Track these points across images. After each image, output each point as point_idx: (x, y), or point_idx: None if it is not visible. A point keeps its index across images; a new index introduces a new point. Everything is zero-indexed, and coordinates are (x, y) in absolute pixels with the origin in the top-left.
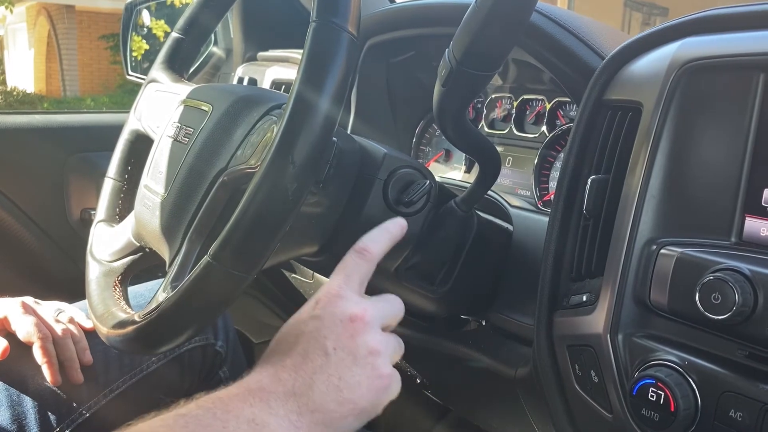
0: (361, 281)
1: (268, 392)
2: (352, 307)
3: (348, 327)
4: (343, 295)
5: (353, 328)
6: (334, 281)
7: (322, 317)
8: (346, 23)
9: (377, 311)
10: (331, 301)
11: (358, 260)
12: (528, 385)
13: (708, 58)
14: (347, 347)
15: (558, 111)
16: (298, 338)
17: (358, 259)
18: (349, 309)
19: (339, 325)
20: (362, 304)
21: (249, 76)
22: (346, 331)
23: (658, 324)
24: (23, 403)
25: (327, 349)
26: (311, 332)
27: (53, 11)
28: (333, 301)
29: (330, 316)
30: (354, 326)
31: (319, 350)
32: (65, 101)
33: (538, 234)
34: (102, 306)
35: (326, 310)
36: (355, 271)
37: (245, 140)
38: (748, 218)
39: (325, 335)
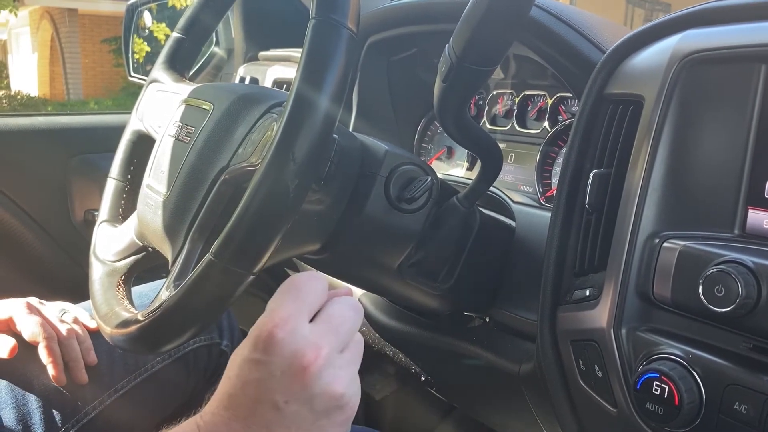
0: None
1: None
2: (300, 350)
3: (298, 375)
4: (290, 333)
5: (304, 378)
6: (277, 313)
7: (264, 364)
8: (345, 19)
9: (332, 340)
10: (273, 345)
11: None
12: (532, 381)
13: (709, 51)
14: (301, 399)
15: (560, 106)
16: (245, 386)
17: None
18: (297, 352)
19: (287, 376)
20: (312, 341)
21: (250, 76)
22: (296, 381)
23: (662, 318)
24: (28, 403)
25: (277, 403)
26: (256, 382)
27: (56, 15)
28: (275, 345)
29: (275, 361)
30: (305, 374)
31: (268, 404)
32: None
33: (540, 230)
34: (105, 306)
35: (268, 357)
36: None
37: (246, 138)
38: (751, 210)
39: (272, 388)
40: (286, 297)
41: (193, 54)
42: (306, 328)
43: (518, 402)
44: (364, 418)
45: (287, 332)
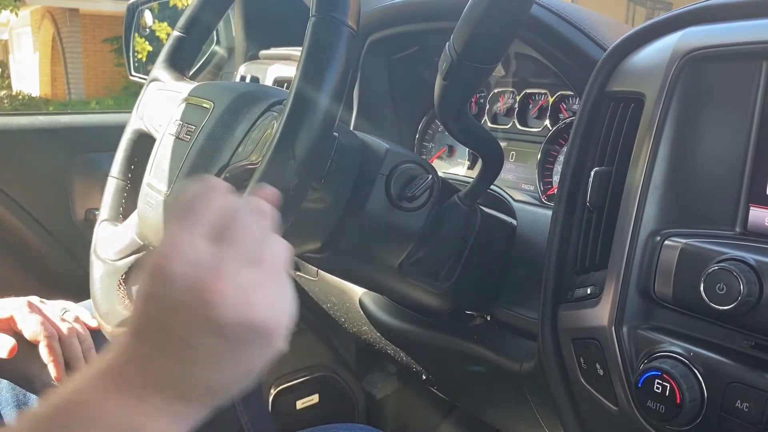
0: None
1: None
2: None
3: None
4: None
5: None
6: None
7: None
8: (345, 17)
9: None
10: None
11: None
12: (533, 380)
13: (710, 48)
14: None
15: (561, 104)
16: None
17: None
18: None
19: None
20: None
21: (251, 75)
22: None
23: (663, 315)
24: (29, 401)
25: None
26: (157, 318)
27: (57, 15)
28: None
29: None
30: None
31: (176, 339)
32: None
33: (541, 228)
34: (106, 304)
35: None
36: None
37: (246, 137)
38: (753, 208)
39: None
40: (177, 218)
41: (193, 53)
42: (200, 252)
43: (520, 400)
44: (365, 417)
45: (179, 261)
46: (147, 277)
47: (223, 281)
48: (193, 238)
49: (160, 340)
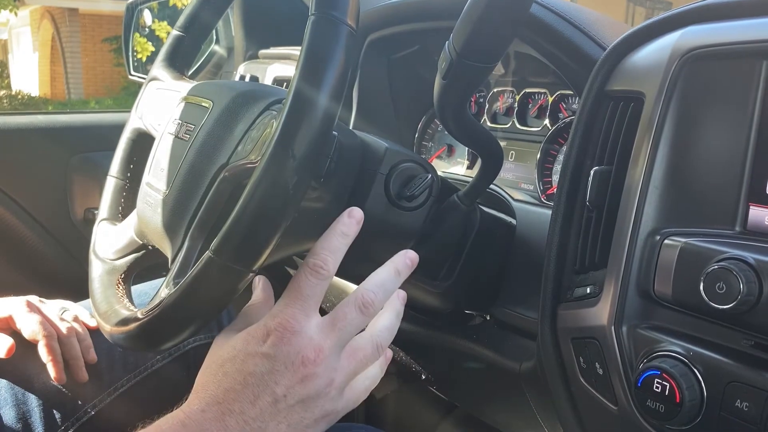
0: (317, 304)
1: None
2: (307, 345)
3: (299, 370)
4: (299, 331)
5: (305, 372)
6: (289, 310)
7: (275, 358)
8: (345, 16)
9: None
10: (286, 339)
11: (314, 280)
12: (533, 379)
13: (710, 47)
14: (298, 394)
15: (560, 104)
16: (248, 378)
17: (314, 278)
18: (304, 349)
19: (291, 368)
20: (318, 340)
21: (250, 74)
22: (297, 374)
23: (663, 315)
24: (28, 401)
25: (277, 394)
26: (261, 374)
27: (57, 14)
28: (288, 339)
29: (284, 357)
30: (306, 370)
31: (268, 395)
32: (69, 104)
33: (541, 227)
34: (105, 304)
35: (280, 349)
36: (312, 294)
37: (246, 136)
38: (752, 207)
39: (276, 380)
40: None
41: (192, 52)
42: (312, 327)
43: (519, 400)
44: (364, 417)
45: (299, 329)
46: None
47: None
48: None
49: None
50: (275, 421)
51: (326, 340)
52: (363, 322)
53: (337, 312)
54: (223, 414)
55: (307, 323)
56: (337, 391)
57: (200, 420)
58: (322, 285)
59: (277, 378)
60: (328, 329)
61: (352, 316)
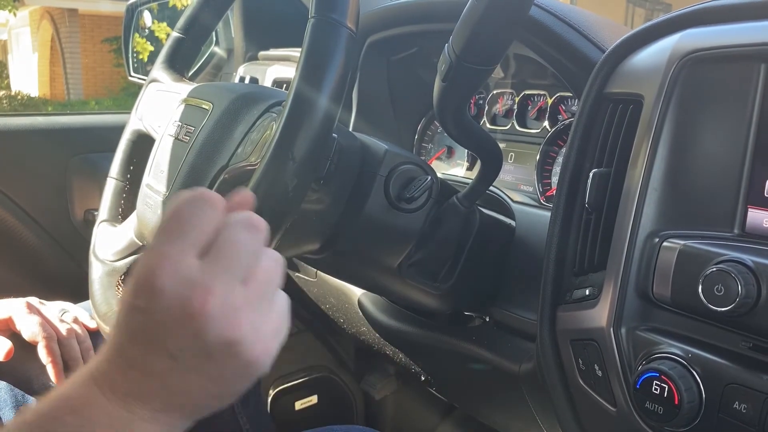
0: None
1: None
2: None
3: (187, 323)
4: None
5: (194, 326)
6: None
7: (148, 313)
8: (344, 19)
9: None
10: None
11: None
12: (532, 381)
13: (708, 50)
14: (195, 348)
15: (560, 106)
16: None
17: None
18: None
19: (176, 324)
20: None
21: (250, 76)
22: (186, 329)
23: (662, 317)
24: (28, 402)
25: (170, 352)
26: (143, 331)
27: (56, 15)
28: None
29: (158, 313)
30: (195, 323)
31: (160, 353)
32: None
33: (540, 229)
34: (105, 305)
35: (151, 305)
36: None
37: (245, 138)
38: (751, 209)
39: (161, 336)
40: (167, 231)
41: (192, 53)
42: (191, 267)
43: (518, 401)
44: (364, 418)
45: (168, 276)
46: (133, 288)
47: (211, 298)
48: (183, 253)
49: (144, 351)
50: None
51: (213, 278)
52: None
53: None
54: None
55: (184, 263)
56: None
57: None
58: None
59: (161, 333)
60: (215, 264)
61: (241, 237)
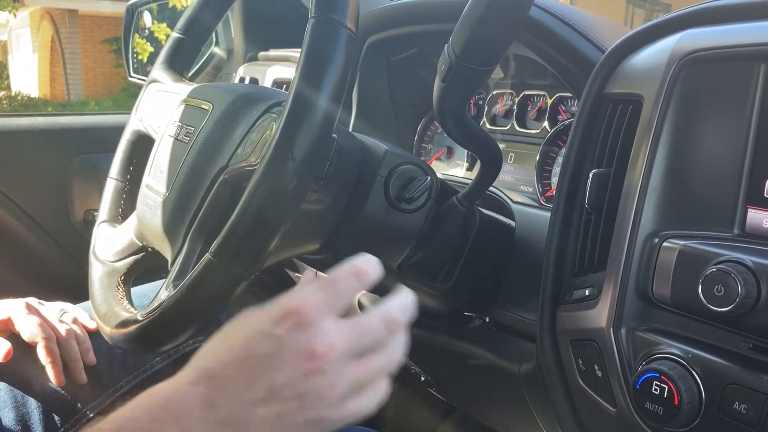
0: (344, 306)
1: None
2: (320, 340)
3: (304, 364)
4: (317, 321)
5: (309, 368)
6: (314, 297)
7: (284, 342)
8: (344, 19)
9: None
10: (300, 326)
11: (354, 281)
12: (532, 381)
13: (708, 50)
14: (297, 388)
15: (560, 106)
16: (248, 358)
17: (354, 280)
18: (315, 342)
19: (297, 358)
20: (331, 338)
21: (250, 76)
22: (301, 368)
23: (661, 317)
24: (27, 403)
25: (275, 382)
26: (263, 356)
27: (56, 15)
28: (302, 327)
29: (291, 343)
30: (311, 366)
31: (267, 381)
32: (69, 105)
33: (540, 229)
34: (105, 306)
35: (292, 335)
36: (345, 292)
37: (245, 138)
38: (751, 210)
39: (279, 367)
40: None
41: (192, 54)
42: (331, 324)
43: (518, 402)
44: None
45: (314, 320)
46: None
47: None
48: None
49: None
50: (265, 410)
51: (341, 341)
52: (385, 338)
53: (362, 319)
54: (213, 390)
55: (329, 317)
56: (338, 397)
57: (187, 393)
58: (357, 289)
59: (281, 365)
60: (347, 332)
61: (377, 327)
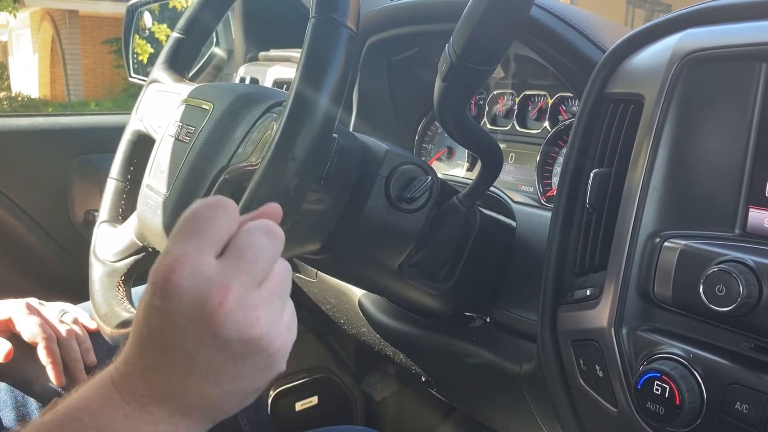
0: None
1: (142, 395)
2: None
3: (205, 322)
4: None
5: (212, 324)
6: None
7: (165, 311)
8: (345, 19)
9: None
10: (171, 290)
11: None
12: (533, 381)
13: (709, 49)
14: (213, 346)
15: (560, 106)
16: (152, 333)
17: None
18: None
19: (193, 322)
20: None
21: (251, 76)
22: (204, 327)
23: (663, 317)
24: (28, 404)
25: (188, 350)
26: (161, 329)
27: (57, 16)
28: (173, 291)
29: (176, 312)
30: (213, 321)
31: (178, 351)
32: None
33: (541, 229)
34: (105, 306)
35: (169, 303)
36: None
37: (246, 138)
38: (752, 209)
39: (178, 335)
40: (184, 232)
41: (193, 54)
42: (209, 266)
43: (519, 402)
44: (364, 419)
45: (186, 275)
46: (151, 288)
47: (229, 296)
48: (200, 252)
49: (163, 352)
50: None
51: (231, 277)
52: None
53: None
54: (144, 369)
55: (202, 261)
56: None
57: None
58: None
59: (179, 333)
60: (232, 264)
61: (261, 242)
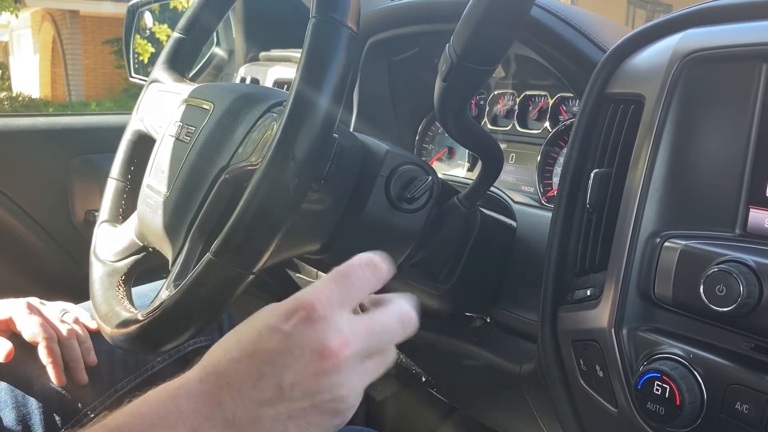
0: (358, 300)
1: (203, 419)
2: (332, 337)
3: (315, 362)
4: (328, 317)
5: (321, 367)
6: (326, 290)
7: (293, 338)
8: (345, 18)
9: (363, 343)
10: (310, 320)
11: (368, 273)
12: (533, 382)
13: (710, 49)
14: (306, 387)
15: (561, 106)
16: (255, 354)
17: (368, 271)
18: (326, 339)
19: (306, 355)
20: (345, 335)
21: (251, 76)
22: (311, 366)
23: (663, 317)
24: (28, 403)
25: (283, 381)
26: (270, 353)
27: (57, 16)
28: (312, 322)
29: (301, 339)
30: (323, 364)
31: (274, 379)
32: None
33: (541, 230)
34: (106, 306)
35: (302, 331)
36: (358, 286)
37: (246, 138)
38: (753, 210)
39: (284, 364)
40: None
41: (193, 54)
42: (345, 319)
43: (519, 402)
44: (364, 419)
45: (326, 314)
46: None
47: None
48: (344, 304)
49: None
50: (273, 410)
51: (356, 339)
52: (401, 336)
53: (376, 316)
54: (221, 387)
55: (340, 313)
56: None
57: (194, 391)
58: (371, 283)
59: (290, 362)
60: (363, 329)
61: (392, 326)
